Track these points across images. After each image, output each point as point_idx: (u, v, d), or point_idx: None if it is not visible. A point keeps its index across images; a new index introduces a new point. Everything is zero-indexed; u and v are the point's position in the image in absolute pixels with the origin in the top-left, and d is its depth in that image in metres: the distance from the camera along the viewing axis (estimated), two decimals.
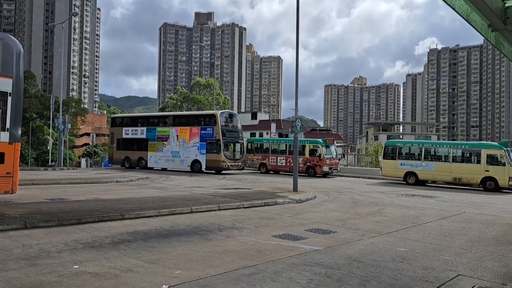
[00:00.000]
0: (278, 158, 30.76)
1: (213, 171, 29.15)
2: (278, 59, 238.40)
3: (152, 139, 31.40)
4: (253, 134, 47.07)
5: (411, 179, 24.46)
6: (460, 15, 2.51)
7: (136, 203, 11.96)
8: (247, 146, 32.53)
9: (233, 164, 28.67)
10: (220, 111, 29.91)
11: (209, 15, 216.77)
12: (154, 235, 8.22)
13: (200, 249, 7.24)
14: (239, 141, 29.90)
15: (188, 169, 29.30)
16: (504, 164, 21.28)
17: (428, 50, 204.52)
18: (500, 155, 21.55)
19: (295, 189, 17.26)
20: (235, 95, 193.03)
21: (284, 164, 30.30)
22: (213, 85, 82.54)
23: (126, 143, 32.89)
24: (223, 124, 28.48)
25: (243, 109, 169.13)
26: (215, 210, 11.95)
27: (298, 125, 17.34)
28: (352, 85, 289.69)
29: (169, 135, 30.52)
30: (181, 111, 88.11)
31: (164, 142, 30.68)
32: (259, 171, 31.34)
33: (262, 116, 60.21)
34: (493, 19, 2.49)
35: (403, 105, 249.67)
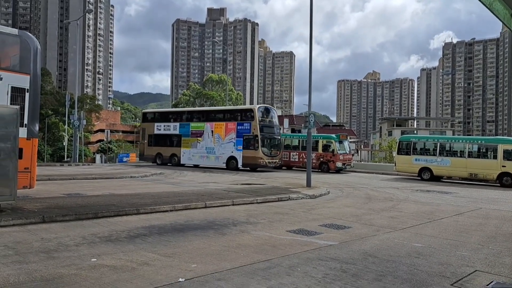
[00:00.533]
0: (291, 153, 30.72)
1: (249, 168, 28.29)
2: (291, 55, 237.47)
3: (186, 135, 30.65)
4: None
5: (426, 175, 24.21)
6: (483, 3, 2.46)
7: (151, 198, 12.07)
8: None
9: (270, 161, 27.70)
10: (258, 106, 28.98)
11: (221, 11, 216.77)
12: (169, 230, 8.30)
13: (215, 244, 7.28)
14: (276, 136, 28.98)
15: (224, 166, 28.45)
16: None
17: (443, 44, 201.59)
18: None
19: (308, 184, 17.23)
20: (248, 90, 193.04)
21: (297, 160, 30.24)
22: (225, 81, 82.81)
23: (158, 139, 32.31)
24: (260, 119, 27.47)
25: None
26: (229, 205, 12.00)
27: (311, 120, 17.28)
28: (365, 80, 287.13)
29: (203, 130, 29.72)
30: (193, 107, 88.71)
31: (199, 138, 29.90)
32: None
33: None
34: None
35: (417, 100, 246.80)
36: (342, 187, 18.92)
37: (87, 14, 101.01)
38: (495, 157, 21.96)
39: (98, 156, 54.61)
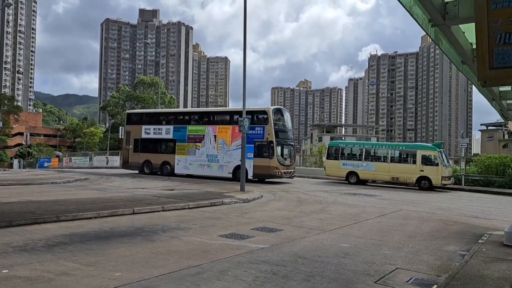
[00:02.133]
0: None
1: (259, 179, 24.27)
2: (226, 60, 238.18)
3: (181, 140, 26.16)
4: None
5: (353, 179, 25.32)
6: (404, 6, 2.60)
7: (73, 205, 11.34)
8: None
9: (285, 171, 23.75)
10: (273, 107, 25.05)
11: (154, 12, 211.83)
12: (92, 237, 7.82)
13: (143, 251, 6.97)
14: (291, 143, 25.30)
15: (229, 176, 24.12)
16: (437, 165, 22.60)
17: (369, 56, 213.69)
18: (434, 156, 22.87)
19: (242, 189, 17.25)
20: (181, 94, 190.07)
21: None
22: (158, 84, 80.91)
23: (146, 144, 27.42)
24: (275, 122, 23.58)
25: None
26: (159, 211, 11.62)
27: (245, 124, 17.34)
28: (298, 88, 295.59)
29: (204, 135, 25.31)
30: (123, 110, 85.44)
31: (198, 144, 25.48)
32: None
33: None
34: (434, 14, 2.60)
35: (346, 108, 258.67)
36: (275, 191, 19.19)
37: (5, 8, 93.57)
38: (414, 162, 23.54)
39: (16, 161, 50.67)
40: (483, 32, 2.39)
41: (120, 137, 45.13)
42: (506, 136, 63.01)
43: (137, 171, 28.40)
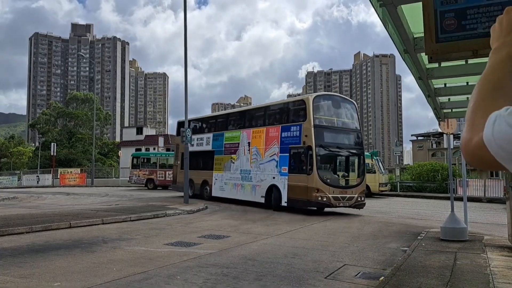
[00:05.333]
0: (167, 172, 29.82)
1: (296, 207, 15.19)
2: (164, 76, 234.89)
3: (219, 152, 19.32)
4: (138, 150, 44.89)
5: None
6: None
7: (2, 221, 10.40)
8: (132, 161, 30.89)
9: (338, 196, 14.34)
10: (316, 94, 16.66)
11: (88, 27, 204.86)
12: (25, 251, 7.18)
13: (83, 261, 6.50)
14: (354, 151, 15.89)
15: (261, 200, 16.26)
16: (374, 172, 23.60)
17: (306, 73, 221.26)
18: (371, 164, 23.87)
19: (186, 201, 16.82)
20: (118, 111, 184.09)
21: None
22: (92, 100, 77.74)
23: (191, 158, 18.65)
24: (317, 117, 15.09)
25: (127, 125, 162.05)
26: (98, 224, 10.98)
27: (188, 134, 17.04)
28: (238, 104, 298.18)
29: (238, 143, 18.15)
30: (54, 127, 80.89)
31: (233, 156, 18.39)
32: (146, 187, 29.95)
33: (148, 131, 57.94)
34: None
35: None
36: (220, 202, 18.94)
37: None
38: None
39: None
40: (430, 7, 2.52)
41: (52, 153, 42.52)
42: (435, 145, 67.73)
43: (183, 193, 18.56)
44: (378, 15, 2.84)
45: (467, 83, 5.30)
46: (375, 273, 6.34)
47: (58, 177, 38.91)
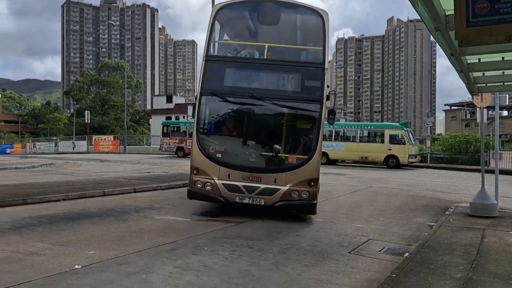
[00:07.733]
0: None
1: None
2: (193, 43, 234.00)
3: None
4: (168, 118, 45.52)
5: (323, 159, 25.65)
6: None
7: (40, 188, 10.95)
8: (162, 129, 31.52)
9: (247, 184, 8.10)
10: (226, 2, 9.18)
11: None
12: (62, 219, 7.58)
13: (116, 230, 6.82)
14: (289, 103, 8.64)
15: None
16: (404, 143, 23.20)
17: (336, 39, 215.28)
18: (401, 134, 23.45)
19: None
20: (148, 78, 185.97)
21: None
22: (123, 68, 78.69)
23: None
24: (227, 41, 10.51)
25: (157, 93, 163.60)
26: (130, 192, 11.38)
27: None
28: None
29: None
30: (88, 94, 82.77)
31: None
32: (176, 155, 30.58)
33: (178, 99, 58.45)
34: None
35: None
36: None
37: None
38: (382, 141, 24.06)
39: None
40: None
41: (86, 121, 43.81)
42: (468, 116, 65.37)
43: None
44: None
45: (503, 58, 5.08)
46: (399, 248, 6.36)
47: (93, 143, 40.25)
